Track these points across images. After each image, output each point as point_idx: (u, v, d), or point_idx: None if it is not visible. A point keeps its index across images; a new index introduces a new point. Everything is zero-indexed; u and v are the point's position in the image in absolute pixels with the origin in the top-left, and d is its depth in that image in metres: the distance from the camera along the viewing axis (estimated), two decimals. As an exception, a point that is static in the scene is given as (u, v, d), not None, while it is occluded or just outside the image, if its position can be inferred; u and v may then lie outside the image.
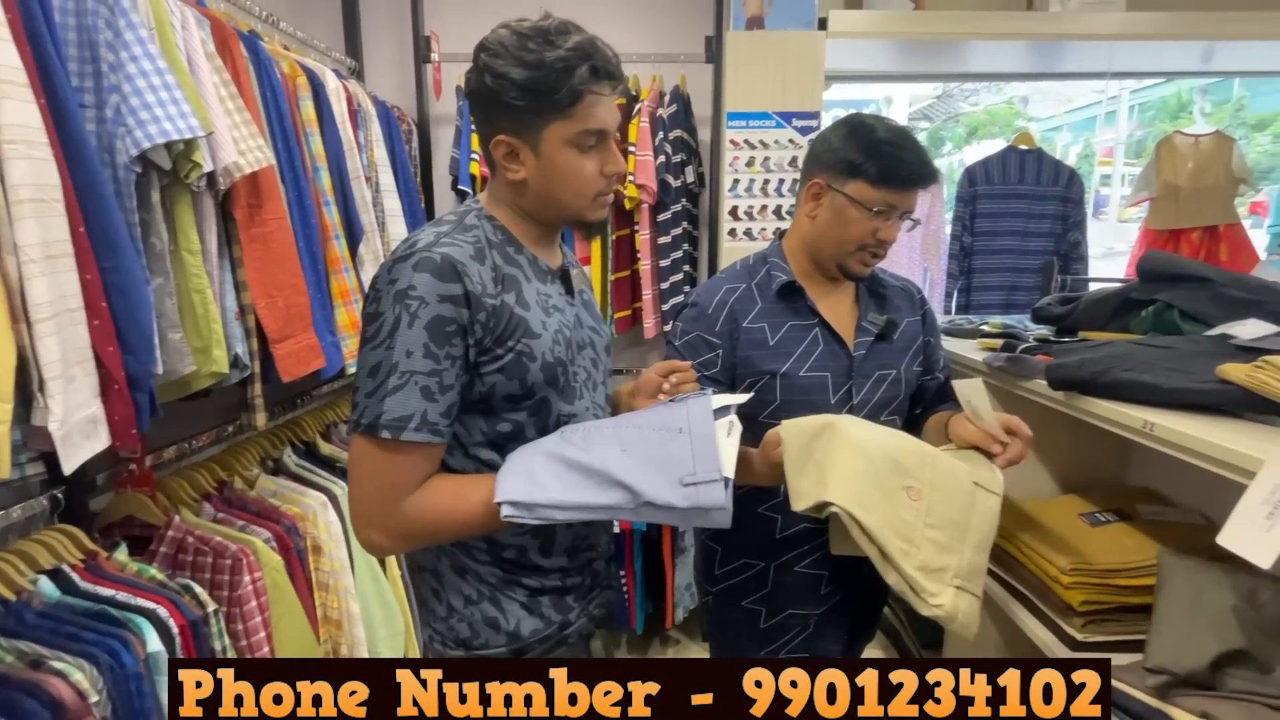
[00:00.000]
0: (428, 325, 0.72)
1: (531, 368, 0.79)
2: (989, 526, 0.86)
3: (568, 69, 0.74)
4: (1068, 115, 8.90)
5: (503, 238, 0.83)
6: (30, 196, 0.80)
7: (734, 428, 0.77)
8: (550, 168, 0.79)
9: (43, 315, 0.81)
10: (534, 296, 0.82)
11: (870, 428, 0.89)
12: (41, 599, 1.04)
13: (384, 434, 0.73)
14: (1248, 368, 0.78)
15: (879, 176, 0.99)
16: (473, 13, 2.26)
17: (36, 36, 0.87)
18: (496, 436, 0.82)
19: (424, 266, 0.73)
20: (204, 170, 1.10)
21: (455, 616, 0.86)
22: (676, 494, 0.71)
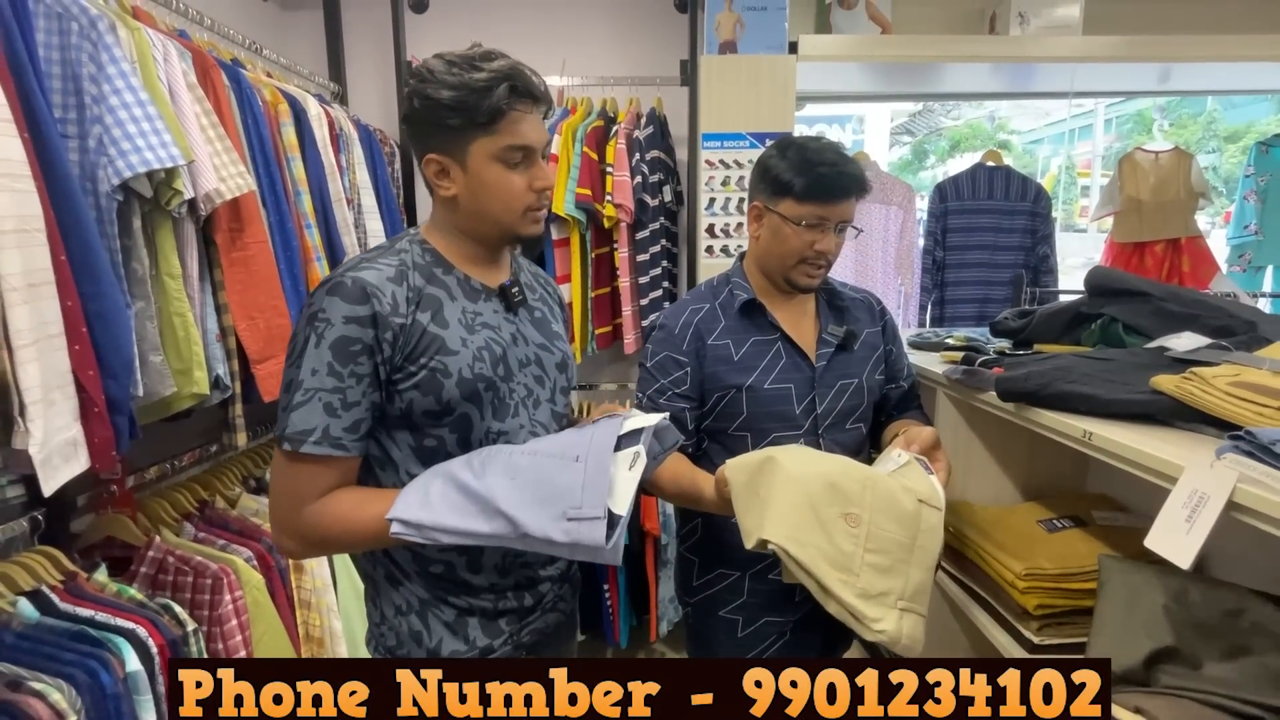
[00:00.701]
0: (332, 345, 0.77)
1: (447, 384, 0.82)
2: (935, 544, 0.88)
3: (489, 88, 0.79)
4: (1048, 129, 9.12)
5: (430, 260, 0.87)
6: (13, 228, 0.83)
7: (638, 459, 0.77)
8: (478, 183, 0.83)
9: (24, 342, 0.83)
10: (456, 315, 0.85)
11: (810, 457, 0.92)
12: (21, 620, 1.05)
13: (286, 446, 0.78)
14: (1177, 379, 0.83)
15: (804, 192, 1.05)
16: (453, 38, 2.31)
17: (20, 71, 0.90)
18: (423, 452, 0.85)
19: (336, 290, 0.78)
20: (185, 197, 1.13)
21: (385, 625, 0.90)
22: (557, 528, 0.72)
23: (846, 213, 1.07)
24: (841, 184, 1.04)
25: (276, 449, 0.80)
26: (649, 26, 2.34)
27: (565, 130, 2.03)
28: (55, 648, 1.03)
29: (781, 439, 1.10)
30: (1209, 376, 0.80)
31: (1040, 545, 1.10)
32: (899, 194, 2.61)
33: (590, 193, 2.01)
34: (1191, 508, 0.67)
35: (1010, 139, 9.73)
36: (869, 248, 2.63)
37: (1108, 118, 8.31)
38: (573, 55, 2.28)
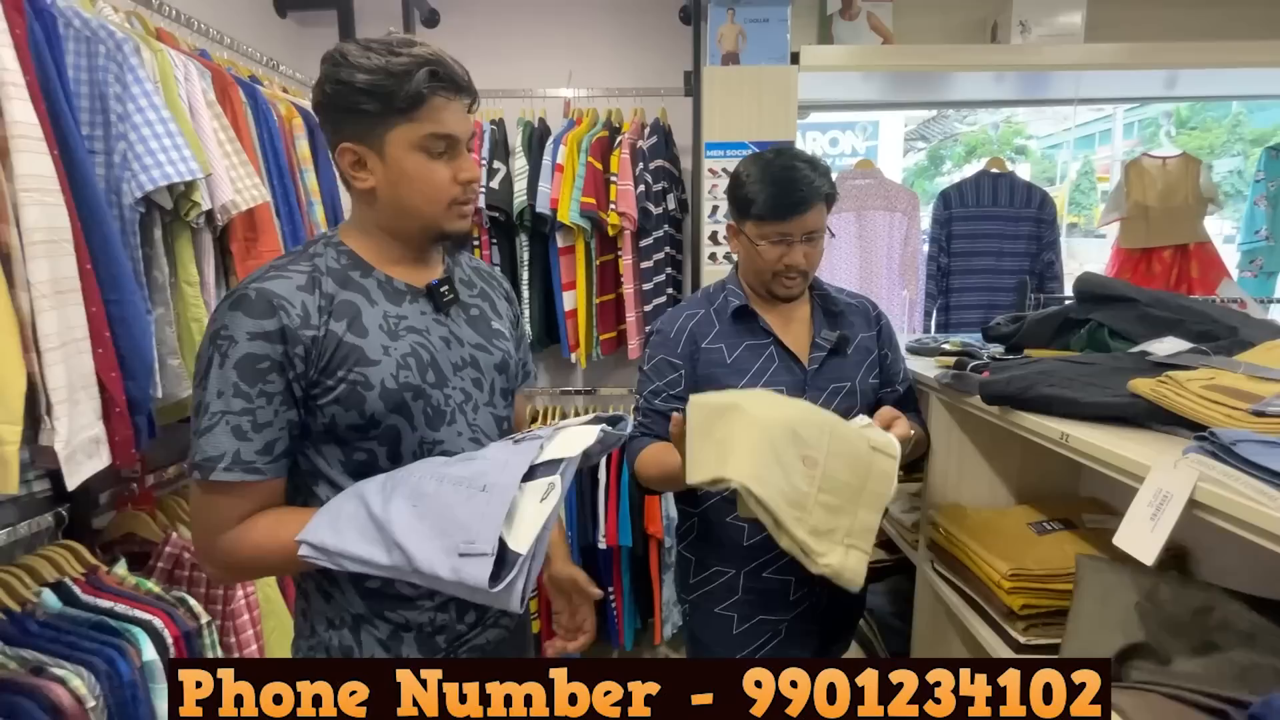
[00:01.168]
0: (237, 364, 0.72)
1: (369, 396, 0.77)
2: (885, 488, 0.92)
3: (408, 73, 0.74)
4: (1066, 133, 9.05)
5: (347, 263, 0.81)
6: (43, 239, 0.89)
7: (552, 491, 0.70)
8: (398, 173, 0.78)
9: (51, 345, 0.89)
10: (376, 321, 0.79)
11: (774, 401, 0.95)
12: (44, 610, 1.11)
13: (195, 474, 0.73)
14: (1153, 382, 0.85)
15: (762, 212, 1.09)
16: (461, 53, 2.37)
17: (51, 93, 0.96)
18: (354, 467, 0.80)
19: (239, 304, 0.73)
20: (203, 209, 1.19)
21: (315, 639, 0.85)
22: (446, 564, 0.66)
23: (810, 224, 1.10)
24: (795, 200, 1.07)
25: (191, 478, 0.76)
26: (653, 38, 2.39)
27: (570, 141, 2.08)
28: (76, 636, 1.09)
29: None
30: (1183, 380, 0.82)
31: (1029, 547, 1.12)
32: (903, 201, 2.62)
33: (595, 201, 2.05)
34: (1156, 506, 0.68)
35: (1028, 144, 9.66)
36: (873, 254, 2.64)
37: (1128, 121, 8.22)
38: (579, 67, 2.34)
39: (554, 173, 2.06)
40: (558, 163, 2.06)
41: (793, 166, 1.09)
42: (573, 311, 2.18)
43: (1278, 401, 0.73)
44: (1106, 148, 8.43)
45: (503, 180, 2.09)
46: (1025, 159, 9.48)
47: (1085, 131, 8.77)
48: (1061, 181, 8.38)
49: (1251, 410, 0.73)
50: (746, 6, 2.10)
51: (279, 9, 2.23)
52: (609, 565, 2.28)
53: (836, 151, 8.52)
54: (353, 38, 0.79)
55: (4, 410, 0.82)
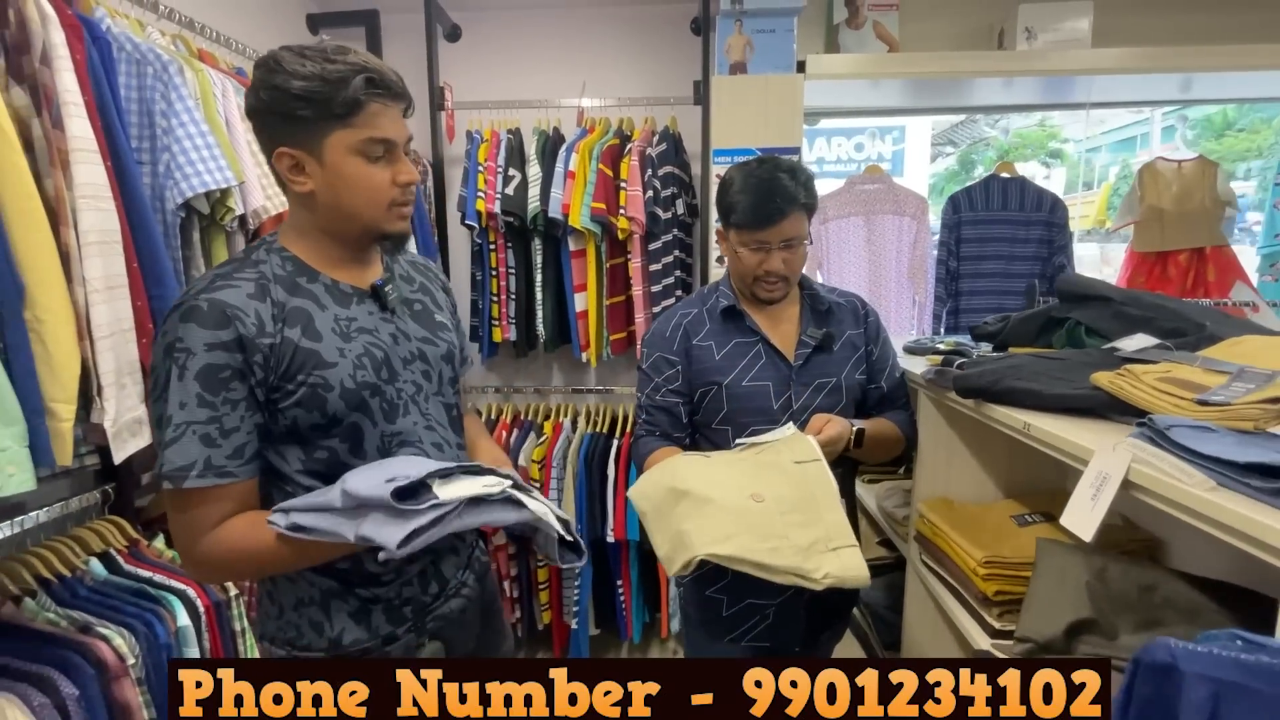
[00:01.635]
0: (198, 375, 0.73)
1: (329, 398, 0.79)
2: (828, 487, 0.99)
3: (343, 80, 0.76)
4: (1104, 136, 8.87)
5: (292, 269, 0.82)
6: (97, 240, 1.00)
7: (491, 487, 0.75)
8: (337, 176, 0.79)
9: (102, 334, 1.00)
10: (329, 325, 0.82)
11: (705, 467, 1.02)
12: (92, 577, 1.22)
13: (166, 485, 0.74)
14: (1112, 375, 0.89)
15: (741, 222, 1.15)
16: (481, 66, 2.49)
17: (105, 111, 1.08)
18: (315, 465, 0.83)
19: (191, 316, 0.73)
20: (236, 213, 1.30)
21: (284, 618, 0.87)
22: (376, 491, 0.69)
23: (788, 232, 1.14)
24: (771, 210, 1.12)
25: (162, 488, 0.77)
26: (665, 50, 2.47)
27: (582, 149, 2.17)
28: (119, 601, 1.20)
29: (760, 432, 1.19)
30: (1140, 373, 0.86)
31: (1008, 538, 1.16)
32: (912, 205, 2.65)
33: (604, 207, 2.13)
34: (1097, 487, 0.73)
35: (1064, 147, 9.48)
36: (883, 258, 2.68)
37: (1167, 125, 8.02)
38: (593, 78, 2.43)
39: (566, 179, 2.14)
40: (570, 170, 2.15)
41: (773, 177, 1.13)
42: (584, 313, 2.26)
43: (1221, 391, 0.77)
44: (1146, 151, 8.24)
45: (518, 186, 2.19)
46: (1060, 162, 9.30)
47: (1124, 135, 8.57)
48: (1099, 185, 8.21)
49: (1196, 400, 0.77)
50: (754, 18, 2.16)
51: (311, 28, 2.37)
52: (618, 559, 2.34)
53: (861, 156, 8.48)
54: (287, 45, 0.79)
55: (61, 391, 0.93)
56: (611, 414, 2.46)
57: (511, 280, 2.27)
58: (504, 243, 2.26)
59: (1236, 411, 0.71)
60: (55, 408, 0.93)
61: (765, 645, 1.24)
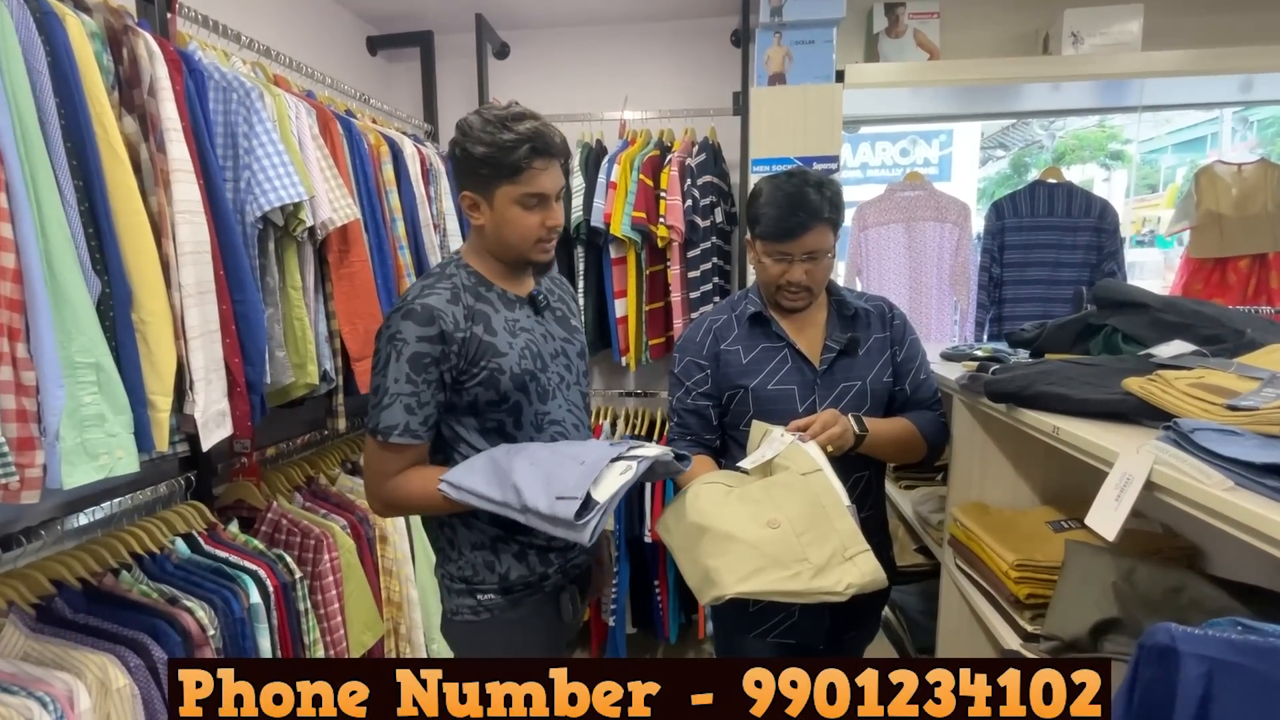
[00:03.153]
0: (409, 359, 0.98)
1: (502, 380, 1.04)
2: (833, 495, 1.02)
3: (514, 148, 0.99)
4: (1169, 137, 8.49)
5: (475, 280, 1.07)
6: (190, 250, 1.12)
7: (629, 470, 0.94)
8: (501, 219, 1.04)
9: (194, 334, 1.11)
10: (502, 324, 1.06)
11: (722, 501, 1.06)
12: (177, 555, 1.34)
13: (378, 437, 1.00)
14: (1143, 380, 0.90)
15: (765, 233, 1.19)
16: (529, 82, 2.60)
17: (199, 134, 1.20)
18: (486, 432, 1.08)
19: (408, 316, 0.99)
20: (306, 225, 1.41)
21: (464, 559, 1.12)
22: (546, 502, 0.90)
23: (810, 245, 1.17)
24: (794, 224, 1.15)
25: (369, 437, 1.03)
26: (706, 62, 2.53)
27: (624, 160, 2.25)
28: (200, 578, 1.32)
29: None
30: (1172, 378, 0.87)
31: (1042, 543, 1.16)
32: (954, 211, 2.64)
33: (645, 215, 2.20)
34: (1120, 488, 0.75)
35: (1125, 149, 9.12)
36: (924, 265, 2.66)
37: (1244, 122, 7.62)
38: (635, 91, 2.51)
39: (608, 190, 2.22)
40: (611, 180, 2.22)
41: (800, 190, 1.16)
42: (624, 318, 2.33)
43: (1251, 397, 0.77)
44: (1216, 151, 7.85)
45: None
46: (1122, 164, 8.92)
47: (1192, 135, 8.19)
48: (1165, 188, 7.86)
49: (1226, 405, 0.78)
50: (793, 29, 2.20)
51: (370, 49, 2.53)
52: (655, 559, 2.39)
53: (907, 161, 8.34)
54: (479, 108, 1.04)
55: (160, 384, 1.05)
56: (650, 417, 2.52)
57: (555, 287, 2.36)
58: (548, 251, 2.35)
59: (1264, 416, 0.72)
60: (155, 399, 1.05)
61: (790, 642, 1.27)
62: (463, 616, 1.13)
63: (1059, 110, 2.78)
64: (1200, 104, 3.02)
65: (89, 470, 0.93)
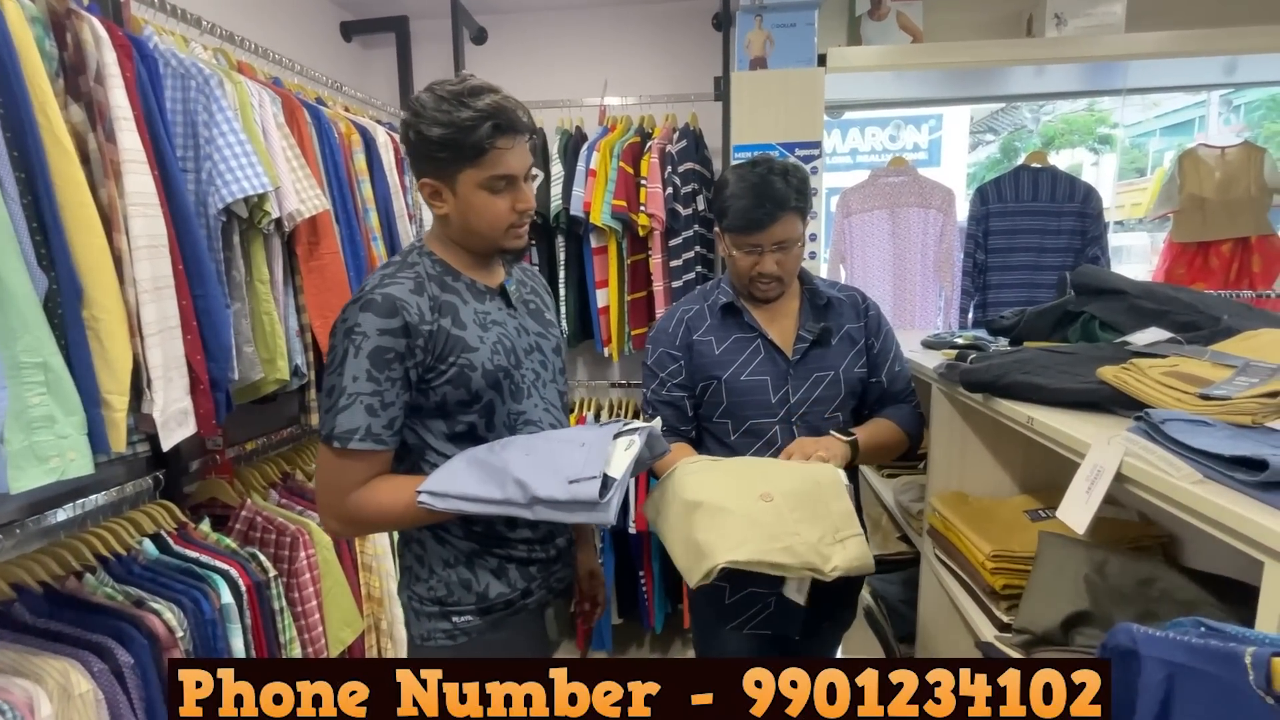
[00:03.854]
0: (369, 355, 0.87)
1: (473, 377, 0.94)
2: (833, 477, 1.00)
3: (474, 127, 0.88)
4: (1157, 120, 8.49)
5: (440, 269, 0.98)
6: (145, 244, 1.08)
7: (633, 445, 0.89)
8: (466, 206, 0.94)
9: (151, 331, 1.08)
10: (471, 316, 0.97)
11: (715, 475, 1.03)
12: (145, 556, 1.32)
13: (335, 444, 0.89)
14: (1117, 369, 0.89)
15: (732, 226, 1.17)
16: (507, 68, 2.55)
17: (152, 123, 1.16)
18: (455, 437, 0.98)
19: (368, 307, 0.88)
20: (272, 217, 1.37)
21: (435, 578, 1.01)
22: (561, 489, 0.82)
23: (779, 235, 1.15)
24: (761, 215, 1.13)
25: (321, 445, 0.91)
26: (687, 46, 2.48)
27: (603, 147, 2.21)
28: (169, 579, 1.29)
29: (758, 425, 1.22)
30: (1145, 367, 0.86)
31: (1019, 532, 1.15)
32: (938, 197, 2.62)
33: (625, 204, 2.17)
34: (1091, 480, 0.74)
35: (1113, 133, 9.12)
36: (908, 252, 2.65)
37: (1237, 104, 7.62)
38: (615, 76, 2.46)
39: (587, 178, 2.19)
40: (591, 168, 2.19)
41: (766, 180, 1.13)
42: (605, 309, 2.30)
43: (1224, 385, 0.76)
44: (1204, 134, 7.87)
45: (541, 186, 2.24)
46: (1110, 149, 8.92)
47: (1179, 119, 8.19)
48: (1152, 171, 7.87)
49: (1199, 394, 0.77)
50: (774, 13, 2.16)
51: (345, 35, 2.46)
52: (640, 550, 2.39)
53: (896, 146, 8.31)
54: (431, 84, 0.93)
55: (115, 383, 1.01)
56: (634, 408, 2.50)
57: (535, 277, 2.33)
58: (529, 240, 2.31)
59: (1236, 405, 0.71)
60: (110, 399, 1.01)
61: (766, 633, 1.27)
62: (436, 642, 1.02)
63: (1044, 94, 2.76)
64: (1185, 87, 3.00)
65: (38, 474, 0.90)
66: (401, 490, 0.92)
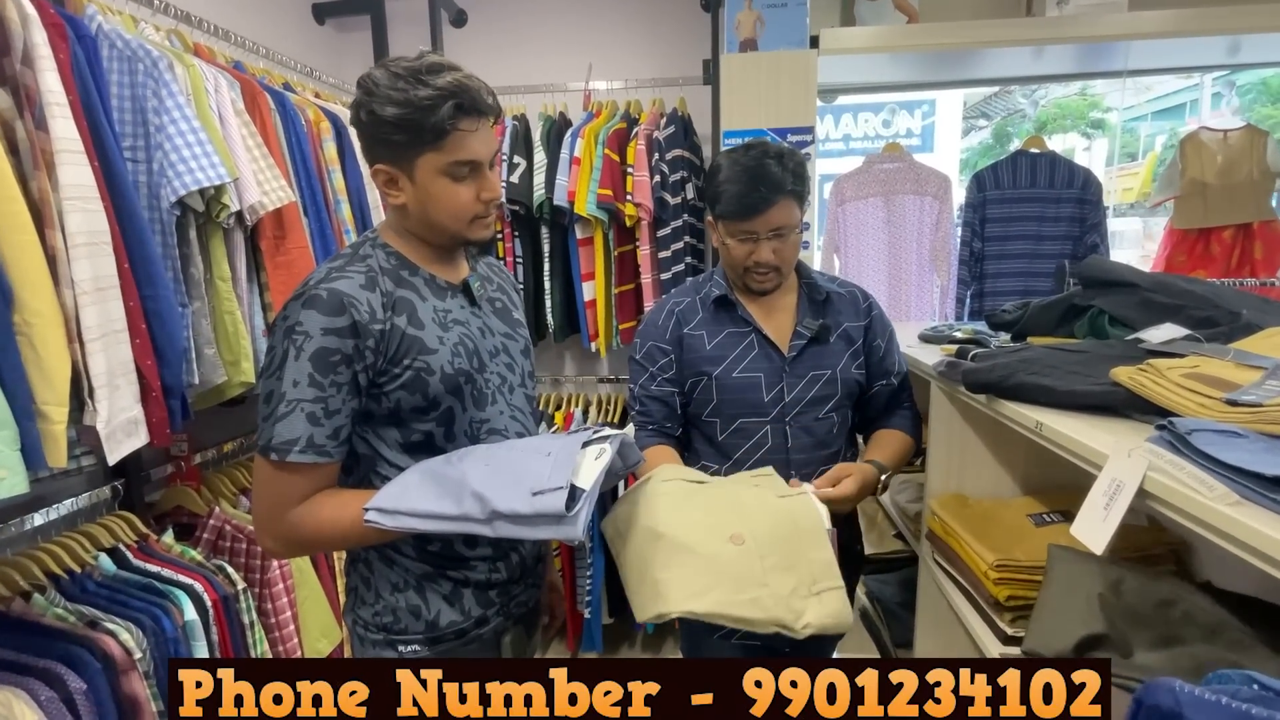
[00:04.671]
0: (312, 357, 0.79)
1: (431, 381, 0.85)
2: (814, 519, 0.91)
3: (434, 106, 0.80)
4: (1149, 104, 8.43)
5: (396, 263, 0.89)
6: (85, 241, 1.00)
7: (604, 454, 0.81)
8: (425, 194, 0.85)
9: (93, 336, 1.00)
10: (430, 314, 0.88)
11: (683, 502, 0.94)
12: (101, 572, 1.25)
13: (272, 456, 0.80)
14: (1133, 370, 0.82)
15: (727, 212, 1.10)
16: (487, 51, 2.45)
17: (92, 111, 1.07)
18: (410, 446, 0.88)
19: (311, 304, 0.79)
20: (232, 210, 1.29)
21: (381, 603, 0.92)
22: (524, 502, 0.75)
23: (776, 221, 1.09)
24: (756, 200, 1.07)
25: (257, 457, 0.82)
26: (674, 28, 2.39)
27: (588, 134, 2.12)
28: (127, 596, 1.22)
29: (748, 425, 1.16)
30: (1164, 368, 0.80)
31: (1023, 539, 1.10)
32: (934, 184, 2.54)
33: (611, 193, 2.09)
34: (1110, 495, 0.68)
35: (1106, 117, 9.05)
36: (903, 241, 2.58)
37: (1218, 90, 7.58)
38: (600, 59, 2.37)
39: (571, 166, 2.10)
40: (575, 156, 2.10)
41: (760, 164, 1.08)
42: (592, 302, 2.23)
43: (1253, 390, 0.70)
44: (1195, 119, 7.81)
45: (523, 174, 2.15)
46: (1102, 133, 8.86)
47: (1171, 102, 8.13)
48: (1145, 155, 7.82)
49: (1225, 399, 0.70)
50: (765, -8, 2.07)
51: (317, 17, 2.36)
52: (630, 549, 2.33)
53: (889, 132, 8.22)
54: (383, 60, 0.84)
55: (52, 394, 0.94)
56: (623, 403, 2.43)
57: (519, 269, 2.25)
58: (511, 232, 2.23)
59: (1268, 414, 0.65)
60: (47, 410, 0.94)
61: (755, 644, 1.22)
62: None
63: (1042, 76, 2.68)
64: (1187, 68, 2.93)
65: (-37, 495, 0.82)
66: (346, 507, 0.83)
